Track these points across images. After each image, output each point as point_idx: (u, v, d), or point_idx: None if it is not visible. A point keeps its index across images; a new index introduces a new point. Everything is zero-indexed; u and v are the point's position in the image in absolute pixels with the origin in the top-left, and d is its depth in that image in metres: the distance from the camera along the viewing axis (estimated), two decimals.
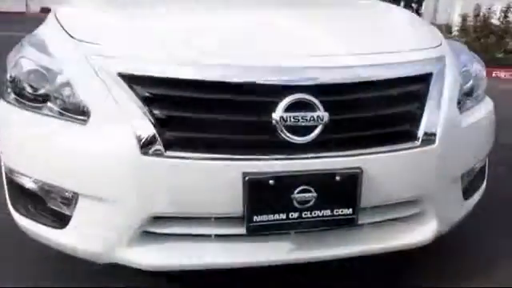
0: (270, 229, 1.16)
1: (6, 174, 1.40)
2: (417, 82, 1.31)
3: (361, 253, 1.27)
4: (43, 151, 1.25)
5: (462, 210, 1.47)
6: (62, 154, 1.22)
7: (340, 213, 1.18)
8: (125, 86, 1.17)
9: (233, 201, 1.14)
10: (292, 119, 1.14)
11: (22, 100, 1.34)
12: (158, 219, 1.19)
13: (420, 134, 1.25)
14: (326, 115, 1.15)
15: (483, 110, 1.50)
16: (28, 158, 1.30)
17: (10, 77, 1.38)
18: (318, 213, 1.17)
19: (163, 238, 1.22)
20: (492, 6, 6.75)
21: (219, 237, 1.22)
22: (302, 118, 1.14)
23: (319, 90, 1.17)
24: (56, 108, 1.27)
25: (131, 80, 1.17)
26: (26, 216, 1.35)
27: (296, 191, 1.14)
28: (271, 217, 1.15)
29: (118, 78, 1.18)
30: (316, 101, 1.16)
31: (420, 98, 1.29)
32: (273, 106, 1.15)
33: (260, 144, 1.15)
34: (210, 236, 1.23)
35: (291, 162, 1.15)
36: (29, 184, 1.33)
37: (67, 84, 1.25)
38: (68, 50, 1.31)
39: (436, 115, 1.27)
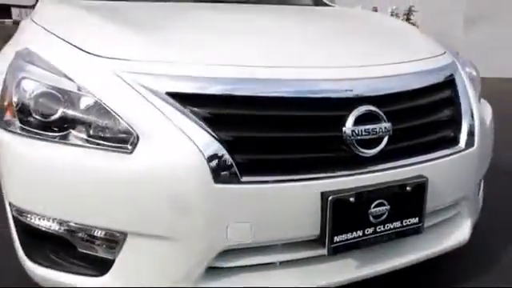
0: (349, 247, 1.11)
1: (14, 217, 1.16)
2: (448, 86, 1.36)
3: (425, 257, 1.28)
4: (73, 187, 1.06)
5: (479, 206, 1.57)
6: (101, 188, 1.04)
7: (408, 223, 1.17)
8: (179, 106, 1.03)
9: (310, 222, 1.07)
10: (363, 132, 1.10)
11: (30, 128, 1.12)
12: (226, 252, 1.07)
13: (463, 137, 1.30)
14: (389, 126, 1.14)
15: (488, 110, 1.61)
16: (50, 195, 1.08)
17: (14, 102, 1.14)
18: (389, 225, 1.15)
19: (228, 271, 1.10)
20: (393, 8, 7.31)
21: (287, 262, 1.14)
22: (372, 131, 1.11)
23: (381, 100, 1.15)
24: (83, 135, 1.09)
25: (186, 100, 1.04)
26: (46, 265, 1.14)
27: (372, 206, 1.11)
28: (349, 235, 1.10)
29: (169, 97, 1.04)
30: (380, 112, 1.14)
31: (454, 102, 1.34)
32: (341, 120, 1.10)
33: (333, 160, 1.09)
34: (275, 263, 1.14)
35: (365, 177, 1.11)
36: (50, 226, 1.12)
37: (98, 107, 1.08)
38: (87, 68, 1.12)
39: (470, 117, 1.33)
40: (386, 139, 1.14)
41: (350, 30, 1.53)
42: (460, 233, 1.38)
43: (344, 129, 1.09)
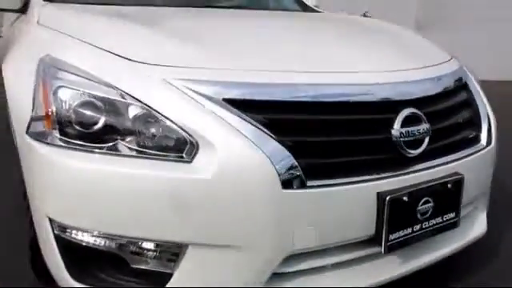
0: (402, 245, 1.15)
1: (56, 235, 1.09)
2: (464, 88, 1.45)
3: (456, 250, 1.34)
4: (127, 199, 1.01)
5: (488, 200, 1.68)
6: (159, 199, 1.00)
7: (448, 218, 1.23)
8: (239, 113, 1.02)
9: (366, 223, 1.10)
10: (409, 133, 1.15)
11: (72, 140, 1.06)
12: (290, 257, 1.07)
13: (483, 135, 1.39)
14: (429, 126, 1.19)
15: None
16: (101, 209, 1.03)
17: (51, 113, 1.08)
18: (433, 221, 1.20)
19: (291, 276, 1.10)
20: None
21: (337, 264, 1.16)
22: (417, 132, 1.16)
23: (419, 102, 1.21)
24: (133, 145, 1.04)
25: (245, 106, 1.03)
26: (95, 285, 1.08)
27: (420, 203, 1.16)
28: (401, 233, 1.14)
29: (227, 104, 1.03)
30: (421, 113, 1.19)
31: (472, 103, 1.43)
32: (389, 123, 1.14)
33: (384, 161, 1.13)
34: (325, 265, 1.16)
35: (412, 176, 1.16)
36: (100, 242, 1.06)
37: (149, 115, 1.04)
38: (132, 75, 1.08)
39: (487, 117, 1.43)
40: (427, 139, 1.19)
41: (368, 37, 1.58)
42: (479, 225, 1.47)
43: (392, 131, 1.14)
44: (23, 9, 1.90)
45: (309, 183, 1.02)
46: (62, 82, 1.10)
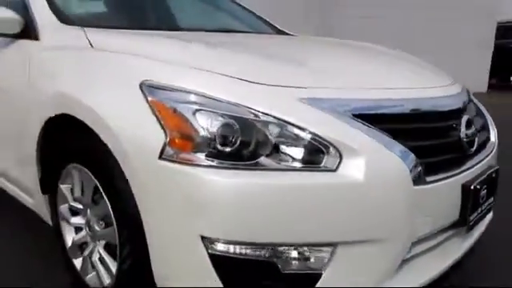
0: (475, 224, 1.42)
1: (210, 253, 1.12)
2: (472, 102, 1.81)
3: (482, 231, 1.64)
4: (282, 209, 1.11)
5: None
6: (311, 206, 1.12)
7: (489, 202, 1.54)
8: (369, 125, 1.20)
9: (454, 209, 1.35)
10: (470, 135, 1.44)
11: (217, 159, 1.12)
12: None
13: (492, 138, 1.75)
14: (476, 129, 1.51)
15: None
16: (259, 221, 1.11)
17: (194, 136, 1.12)
18: (485, 205, 1.50)
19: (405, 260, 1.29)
20: None
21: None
22: (472, 134, 1.46)
23: (464, 110, 1.51)
24: (277, 160, 1.15)
25: (371, 119, 1.21)
26: None
27: (482, 191, 1.45)
28: (475, 214, 1.41)
29: (356, 118, 1.20)
30: (472, 118, 1.50)
31: (481, 112, 1.79)
32: (456, 128, 1.42)
33: (458, 159, 1.40)
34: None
35: (477, 168, 1.44)
36: (253, 253, 1.13)
37: (289, 131, 1.15)
38: (266, 97, 1.19)
39: (491, 126, 1.80)
40: (477, 139, 1.50)
41: (394, 59, 1.86)
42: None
43: (460, 134, 1.41)
44: (23, 34, 1.81)
45: (427, 179, 1.24)
46: (198, 106, 1.15)
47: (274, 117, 1.15)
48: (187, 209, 1.12)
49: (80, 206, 1.55)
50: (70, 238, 1.64)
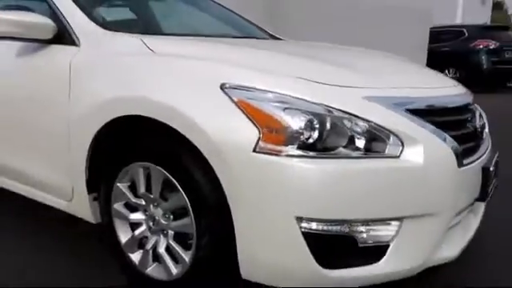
0: (490, 199, 1.71)
1: (303, 231, 1.29)
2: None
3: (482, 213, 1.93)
4: (361, 190, 1.31)
5: None
6: (385, 186, 1.33)
7: (496, 181, 1.84)
8: (419, 118, 1.42)
9: (476, 187, 1.62)
10: (481, 126, 1.73)
11: (305, 150, 1.30)
12: None
13: (486, 128, 2.06)
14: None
15: None
16: (345, 200, 1.30)
17: (285, 130, 1.29)
18: (494, 183, 1.78)
19: None
20: None
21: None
22: (482, 125, 1.75)
23: (473, 105, 1.80)
24: (353, 149, 1.34)
25: (420, 113, 1.44)
26: (337, 267, 1.33)
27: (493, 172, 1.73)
28: (490, 192, 1.69)
29: (409, 112, 1.42)
30: (481, 112, 1.79)
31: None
32: (471, 120, 1.70)
33: (476, 146, 1.67)
34: None
35: (486, 155, 1.72)
36: (341, 229, 1.32)
37: (363, 126, 1.35)
38: (339, 96, 1.38)
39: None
40: (485, 128, 1.79)
41: (408, 63, 2.10)
42: None
43: (476, 124, 1.70)
44: (55, 39, 1.86)
45: (464, 162, 1.49)
46: (286, 105, 1.32)
47: (347, 112, 1.34)
48: (282, 193, 1.28)
49: (142, 202, 1.64)
50: (124, 234, 1.71)
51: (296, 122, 1.30)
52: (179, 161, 1.46)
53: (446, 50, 9.43)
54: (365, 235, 1.35)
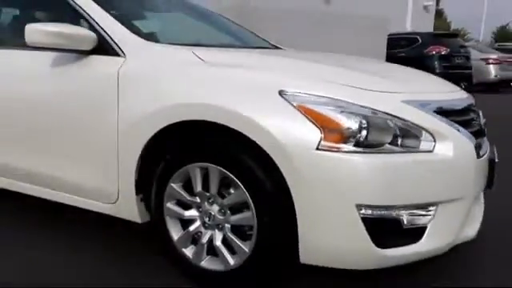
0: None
1: (363, 217, 1.49)
2: None
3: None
4: (406, 179, 1.54)
5: None
6: (427, 176, 1.57)
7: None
8: (445, 117, 1.68)
9: (485, 175, 1.89)
10: (484, 124, 2.02)
11: (358, 146, 1.51)
12: None
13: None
14: None
15: None
16: (393, 188, 1.52)
17: (344, 131, 1.50)
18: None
19: None
20: None
21: None
22: (485, 123, 2.04)
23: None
24: (395, 145, 1.57)
25: (445, 114, 1.69)
26: (389, 247, 1.55)
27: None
28: (494, 180, 1.98)
29: (436, 114, 1.67)
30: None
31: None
32: (476, 119, 1.98)
33: (482, 142, 1.95)
34: None
35: (487, 149, 2.01)
36: (394, 214, 1.54)
37: (407, 126, 1.58)
38: (381, 100, 1.60)
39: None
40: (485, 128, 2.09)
41: (419, 71, 2.36)
42: None
43: (481, 123, 1.98)
44: (94, 50, 1.97)
45: (480, 154, 1.76)
46: (341, 109, 1.52)
47: (390, 114, 1.57)
48: (343, 184, 1.48)
49: (197, 200, 1.78)
50: (175, 230, 1.85)
51: (351, 123, 1.51)
52: (240, 160, 1.62)
53: (403, 56, 10.02)
54: (408, 218, 1.57)
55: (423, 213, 1.60)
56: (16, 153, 2.22)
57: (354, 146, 1.50)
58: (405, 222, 1.57)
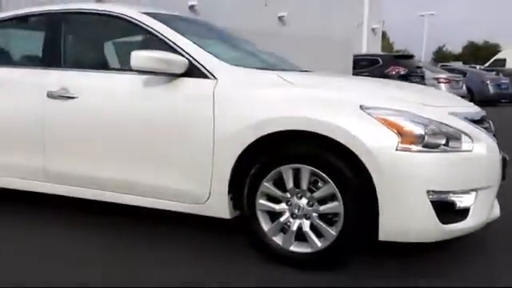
0: None
1: (432, 200, 1.97)
2: None
3: None
4: (459, 172, 2.05)
5: None
6: (469, 170, 2.09)
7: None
8: (472, 123, 2.21)
9: (498, 172, 2.45)
10: (494, 131, 2.58)
11: (425, 147, 2.01)
12: None
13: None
14: None
15: None
16: (449, 178, 2.02)
17: (414, 136, 1.99)
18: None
19: None
20: None
21: None
22: (495, 130, 2.61)
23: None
24: (444, 146, 2.07)
25: (475, 122, 2.23)
26: (449, 223, 2.04)
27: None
28: (505, 174, 2.54)
29: (467, 120, 2.20)
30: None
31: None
32: (489, 128, 2.53)
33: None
34: None
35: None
36: (448, 198, 2.03)
37: (452, 131, 2.09)
38: (435, 112, 2.11)
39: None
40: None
41: (438, 91, 2.91)
42: None
43: (493, 129, 2.53)
44: (184, 73, 2.36)
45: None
46: (410, 119, 2.01)
47: (443, 123, 2.08)
48: (417, 176, 1.96)
49: (287, 196, 2.19)
50: (265, 222, 2.24)
51: (419, 130, 2.00)
52: (329, 161, 2.06)
53: (366, 75, 10.87)
54: (459, 200, 2.07)
55: (468, 197, 2.10)
56: (118, 166, 2.54)
57: (423, 147, 1.99)
58: (457, 204, 2.07)
